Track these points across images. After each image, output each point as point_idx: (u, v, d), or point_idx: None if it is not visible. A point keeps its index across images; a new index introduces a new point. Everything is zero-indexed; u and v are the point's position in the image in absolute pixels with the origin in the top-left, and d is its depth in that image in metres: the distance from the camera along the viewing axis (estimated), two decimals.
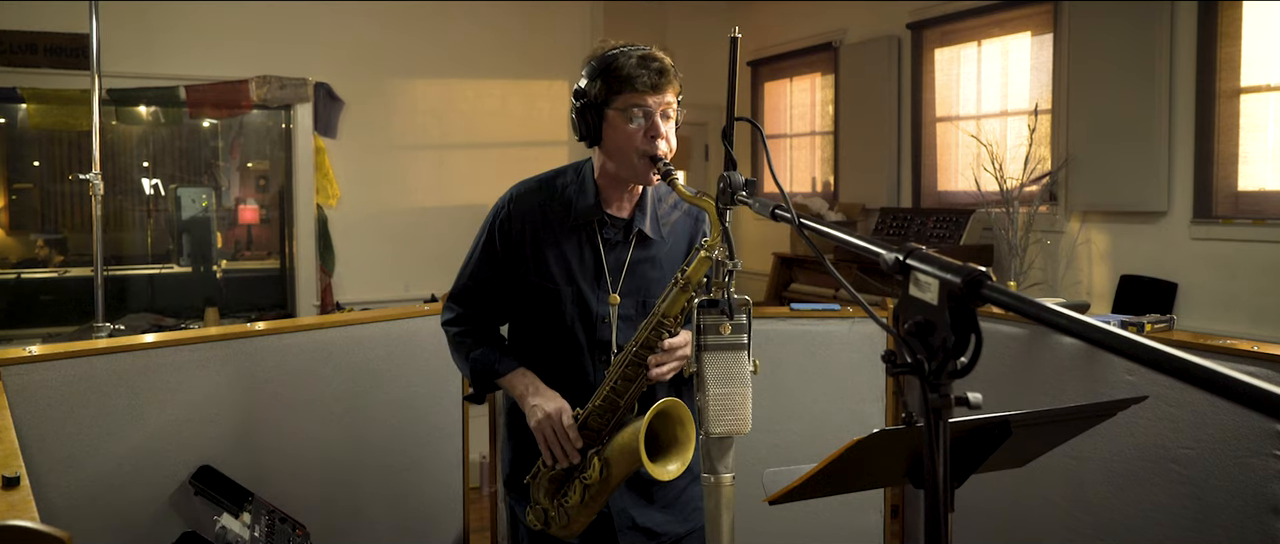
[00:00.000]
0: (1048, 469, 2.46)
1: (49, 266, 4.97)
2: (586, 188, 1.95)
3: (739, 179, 1.59)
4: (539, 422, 1.88)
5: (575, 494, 1.88)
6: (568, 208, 1.95)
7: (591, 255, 1.94)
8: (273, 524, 2.58)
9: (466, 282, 2.06)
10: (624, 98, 1.82)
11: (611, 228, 1.95)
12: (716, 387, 1.59)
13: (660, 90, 1.83)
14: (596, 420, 1.85)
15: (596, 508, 1.90)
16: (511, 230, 1.98)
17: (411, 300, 5.24)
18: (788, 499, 1.37)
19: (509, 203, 2.01)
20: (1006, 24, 4.68)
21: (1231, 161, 3.72)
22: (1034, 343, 2.65)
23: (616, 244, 1.95)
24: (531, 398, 1.92)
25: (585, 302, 1.93)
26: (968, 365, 0.87)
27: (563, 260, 1.94)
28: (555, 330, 1.96)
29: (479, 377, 2.03)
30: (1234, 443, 2.15)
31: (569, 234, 1.95)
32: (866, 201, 5.44)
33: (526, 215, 1.97)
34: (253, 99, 5.05)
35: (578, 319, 1.94)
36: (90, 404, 2.42)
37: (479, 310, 2.06)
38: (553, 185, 1.99)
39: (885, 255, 0.97)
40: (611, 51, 1.86)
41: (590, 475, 1.85)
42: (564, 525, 1.92)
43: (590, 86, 1.86)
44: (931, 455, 0.91)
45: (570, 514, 1.90)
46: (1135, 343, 0.72)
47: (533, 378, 1.96)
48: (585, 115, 1.87)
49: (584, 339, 1.94)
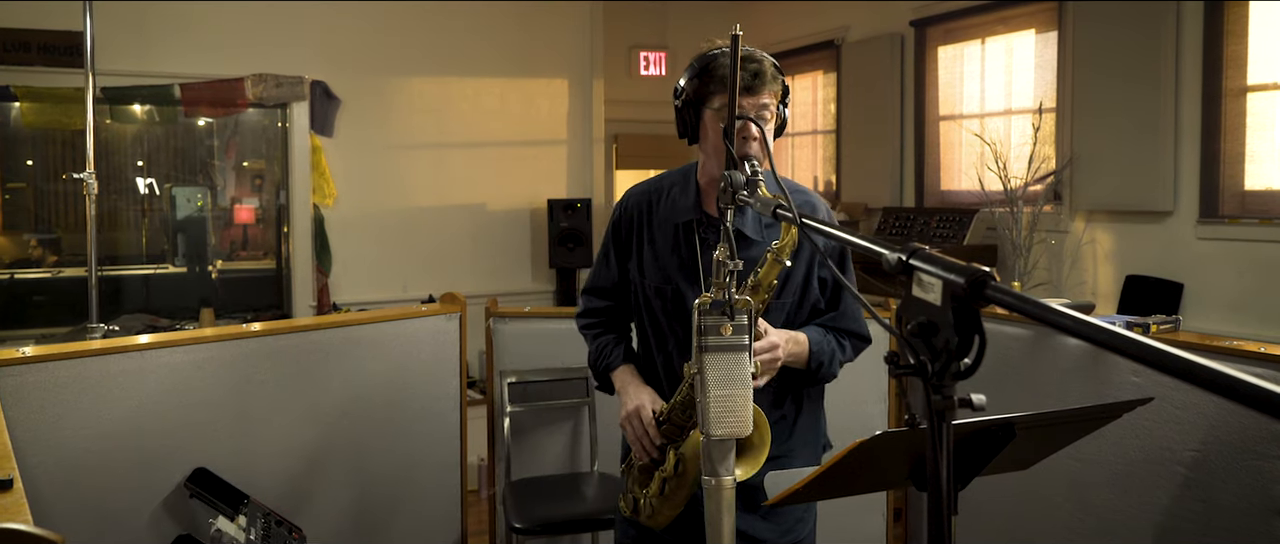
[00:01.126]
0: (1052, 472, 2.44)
1: (43, 267, 4.96)
2: (689, 188, 2.01)
3: (740, 178, 1.60)
4: (625, 416, 1.97)
5: (655, 485, 1.93)
6: (672, 207, 2.01)
7: (689, 255, 1.98)
8: (268, 527, 2.56)
9: (592, 280, 2.18)
10: (719, 98, 1.85)
11: (710, 227, 1.98)
12: (717, 388, 1.60)
13: (755, 92, 1.84)
14: (679, 415, 1.88)
15: (678, 501, 1.93)
16: (621, 231, 2.08)
17: (409, 301, 5.23)
18: (790, 501, 1.36)
19: (621, 206, 2.10)
20: (1010, 21, 4.65)
21: (1238, 160, 3.69)
22: (1038, 344, 2.63)
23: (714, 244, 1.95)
24: (624, 393, 2.02)
25: (683, 300, 1.97)
26: (971, 367, 0.87)
27: (664, 260, 2.00)
28: (658, 328, 2.03)
29: (594, 368, 2.14)
30: (1241, 445, 2.14)
31: (671, 233, 2.00)
32: (869, 201, 5.42)
33: (636, 216, 2.06)
34: (248, 97, 5.03)
35: (675, 316, 1.99)
36: (84, 406, 2.41)
37: (604, 306, 2.16)
38: (661, 186, 2.07)
39: (888, 255, 0.97)
40: (712, 51, 1.89)
41: (666, 469, 1.89)
42: (649, 515, 1.97)
43: (689, 85, 1.90)
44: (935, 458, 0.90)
45: (653, 505, 1.94)
46: (1140, 344, 0.72)
47: (631, 374, 2.05)
48: (684, 114, 1.92)
49: (682, 336, 1.98)
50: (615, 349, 2.10)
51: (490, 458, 3.43)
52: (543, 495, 3.08)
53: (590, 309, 2.18)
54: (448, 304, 3.25)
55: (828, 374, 2.00)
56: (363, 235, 5.38)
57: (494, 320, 3.33)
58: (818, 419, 2.11)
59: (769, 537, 2.01)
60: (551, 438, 3.39)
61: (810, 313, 2.01)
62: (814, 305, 2.01)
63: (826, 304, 2.03)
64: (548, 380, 3.32)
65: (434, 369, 3.15)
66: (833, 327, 2.01)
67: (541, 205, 5.78)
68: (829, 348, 1.98)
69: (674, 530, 1.99)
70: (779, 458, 1.97)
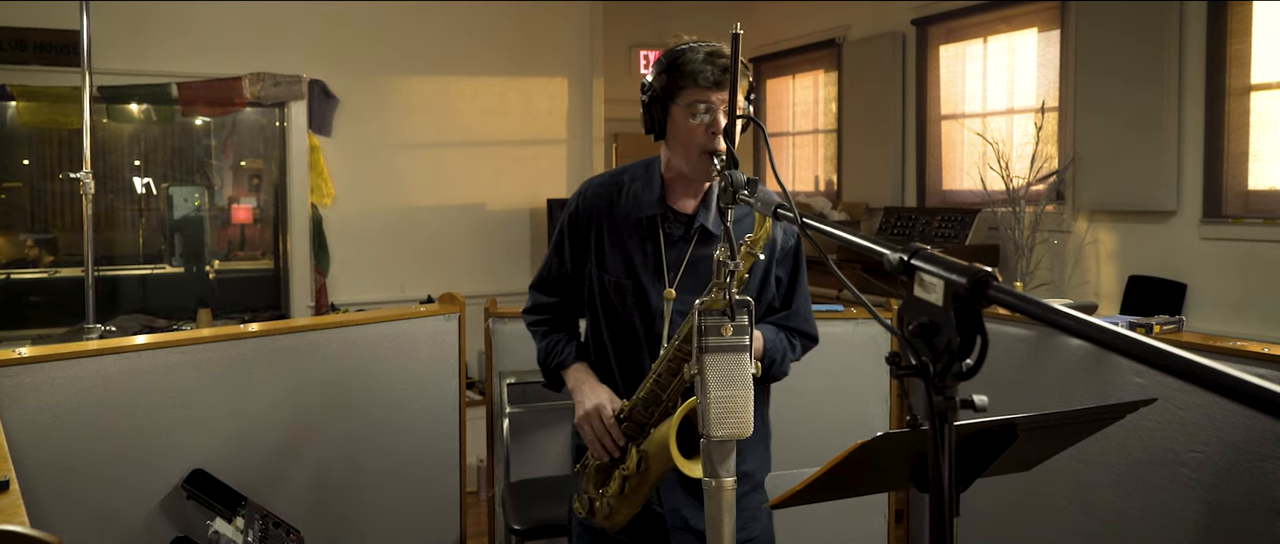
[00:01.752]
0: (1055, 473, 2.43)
1: (39, 267, 4.95)
2: (653, 183, 1.99)
3: (741, 178, 1.60)
4: (582, 415, 1.95)
5: (614, 485, 1.91)
6: (634, 202, 2.00)
7: (653, 250, 1.98)
8: (266, 529, 2.55)
9: (542, 273, 2.15)
10: (687, 93, 1.85)
11: (675, 223, 1.98)
12: (718, 389, 1.60)
13: (724, 87, 1.84)
14: (641, 413, 1.88)
15: (638, 501, 1.92)
16: (579, 224, 2.05)
17: (408, 301, 5.22)
18: (790, 503, 1.36)
19: (579, 197, 2.07)
20: (1013, 20, 4.64)
21: (1242, 160, 3.68)
22: (1041, 344, 2.62)
23: (678, 240, 1.98)
24: (579, 392, 1.99)
25: (645, 296, 1.97)
26: (973, 367, 0.87)
27: (625, 254, 1.99)
28: (616, 324, 2.01)
29: (544, 366, 2.12)
30: (1245, 446, 2.13)
31: (633, 229, 1.99)
32: (870, 200, 5.40)
33: (594, 209, 2.03)
34: (246, 96, 5.02)
35: (637, 313, 1.98)
36: (81, 407, 2.40)
37: (555, 301, 2.13)
38: (621, 180, 2.04)
39: (889, 255, 0.97)
40: (680, 47, 1.89)
41: (628, 467, 1.88)
42: (607, 516, 1.95)
43: (657, 81, 1.89)
44: (936, 459, 0.90)
45: (611, 505, 1.93)
46: (1144, 344, 0.72)
47: (586, 371, 2.04)
48: (651, 109, 1.91)
49: (643, 333, 1.98)
50: (567, 346, 2.08)
51: (489, 459, 3.42)
52: (542, 497, 3.07)
53: (539, 305, 2.15)
54: (447, 304, 3.24)
55: (779, 372, 2.01)
56: (361, 235, 5.37)
57: (493, 321, 3.31)
58: (766, 418, 2.11)
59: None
60: (551, 439, 3.38)
61: (765, 311, 2.01)
62: (769, 303, 2.02)
63: (780, 303, 2.03)
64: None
65: (433, 370, 3.14)
66: (785, 325, 2.02)
67: (541, 205, 5.77)
68: (781, 346, 1.99)
69: (629, 531, 1.98)
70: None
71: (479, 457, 3.96)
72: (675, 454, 1.77)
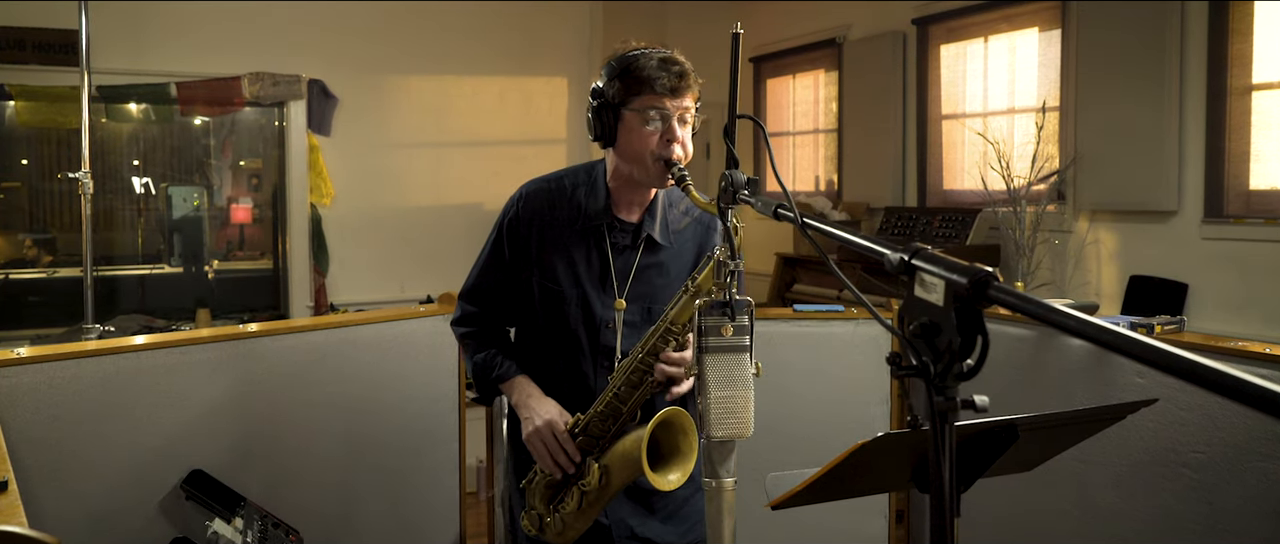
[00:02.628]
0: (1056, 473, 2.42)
1: (37, 267, 4.94)
2: (597, 190, 1.95)
3: (741, 177, 1.59)
4: (533, 431, 1.89)
5: (572, 501, 1.87)
6: (577, 209, 1.95)
7: (598, 259, 1.94)
8: (265, 529, 2.54)
9: (475, 281, 2.08)
10: (641, 99, 1.81)
11: (620, 231, 1.94)
12: (718, 390, 1.58)
13: (679, 94, 1.81)
14: (597, 427, 1.84)
15: (593, 516, 1.89)
16: (519, 230, 1.99)
17: (407, 301, 5.22)
18: (791, 504, 1.36)
19: (518, 202, 2.02)
20: (1014, 20, 4.63)
21: (1243, 160, 3.67)
22: (1042, 345, 2.61)
23: (624, 248, 1.94)
24: (525, 407, 1.93)
25: (590, 306, 1.93)
26: (974, 368, 0.86)
27: (569, 263, 1.94)
28: (559, 334, 1.96)
29: (480, 380, 2.04)
30: (1246, 446, 2.13)
31: (577, 236, 1.94)
32: (871, 200, 5.39)
33: (535, 215, 1.98)
34: (245, 96, 5.02)
35: (582, 323, 1.94)
36: (79, 407, 2.40)
37: (487, 310, 2.07)
38: (563, 185, 1.99)
39: (890, 255, 0.96)
40: (632, 52, 1.85)
41: (589, 482, 1.84)
42: (559, 532, 1.91)
43: (608, 86, 1.85)
44: (937, 459, 0.90)
45: (566, 521, 1.89)
46: (1145, 345, 0.72)
47: (530, 385, 1.97)
48: (602, 115, 1.86)
49: (587, 344, 1.94)
50: (506, 360, 2.00)
51: (489, 459, 3.41)
52: None
53: (468, 314, 2.07)
54: (446, 304, 3.23)
55: None
56: (360, 235, 5.37)
57: None
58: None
59: (668, 539, 1.99)
60: None
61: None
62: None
63: None
64: None
65: (432, 370, 3.13)
66: None
67: None
68: None
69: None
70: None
71: (478, 457, 3.96)
72: (646, 468, 1.75)
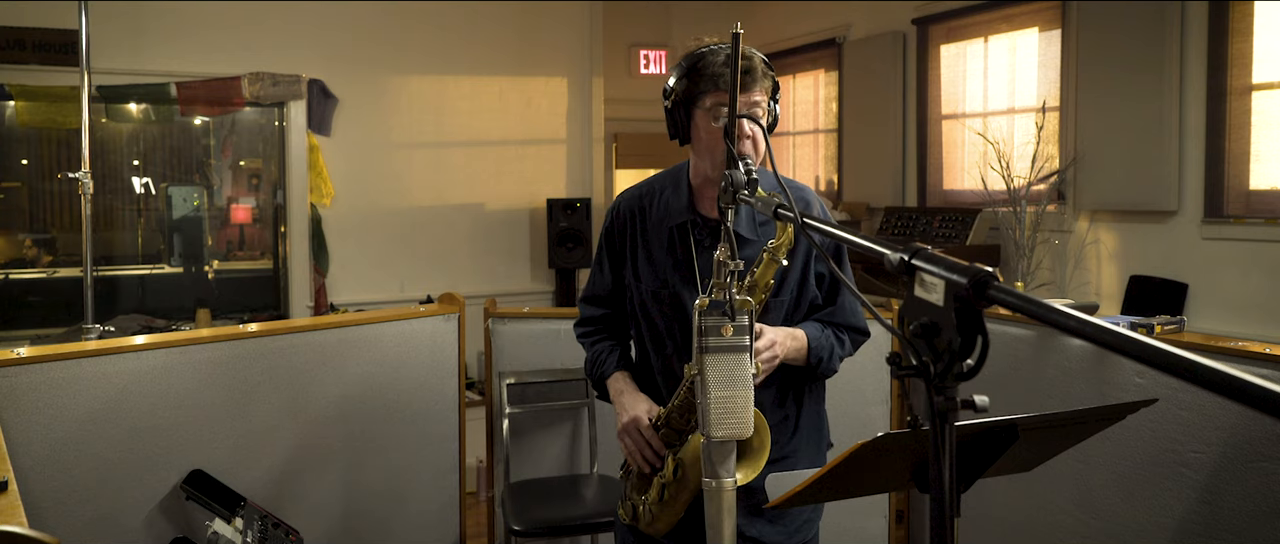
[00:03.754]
0: (1056, 473, 2.43)
1: (37, 267, 4.94)
2: (681, 189, 1.99)
3: (741, 177, 1.58)
4: (621, 427, 1.95)
5: (654, 492, 1.91)
6: (665, 210, 1.99)
7: (684, 256, 1.97)
8: (265, 529, 2.54)
9: (588, 289, 2.17)
10: (710, 96, 1.83)
11: (704, 229, 1.96)
12: (718, 389, 1.59)
13: (747, 89, 1.82)
14: (678, 420, 1.86)
15: (679, 507, 1.91)
16: (615, 236, 2.06)
17: (407, 301, 5.21)
18: (791, 504, 1.35)
19: (613, 212, 2.09)
20: (1014, 19, 4.63)
21: (1243, 160, 3.67)
22: (1042, 345, 2.61)
23: (709, 246, 1.96)
24: (618, 402, 1.99)
25: (680, 303, 1.95)
26: (974, 368, 0.86)
27: (658, 263, 1.98)
28: (654, 331, 2.00)
29: (590, 375, 2.13)
30: (1246, 446, 2.13)
31: (664, 236, 1.98)
32: (871, 200, 5.39)
33: (628, 220, 2.04)
34: (245, 96, 5.01)
35: (675, 320, 1.97)
36: (79, 407, 2.40)
37: (602, 313, 2.14)
38: (652, 188, 2.05)
39: (890, 255, 0.96)
40: (701, 49, 1.87)
41: (665, 475, 1.87)
42: (649, 522, 1.95)
43: (678, 84, 1.88)
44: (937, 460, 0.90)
45: (653, 511, 1.92)
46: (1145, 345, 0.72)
47: (625, 381, 2.03)
48: (675, 114, 1.90)
49: (681, 339, 1.97)
50: (609, 356, 2.08)
51: (489, 460, 3.41)
52: (542, 497, 3.06)
53: (588, 318, 2.16)
54: (446, 305, 3.23)
55: (827, 369, 1.98)
56: (360, 235, 5.36)
57: (493, 321, 3.31)
58: (820, 418, 2.09)
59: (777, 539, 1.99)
60: (550, 440, 3.37)
61: (809, 309, 1.99)
62: (811, 301, 1.99)
63: (824, 299, 2.01)
64: (547, 382, 3.30)
65: (432, 370, 3.13)
66: (830, 322, 2.00)
67: (541, 205, 5.76)
68: (827, 343, 1.96)
69: (674, 536, 1.97)
70: (783, 459, 1.96)
71: (478, 457, 3.96)
72: None
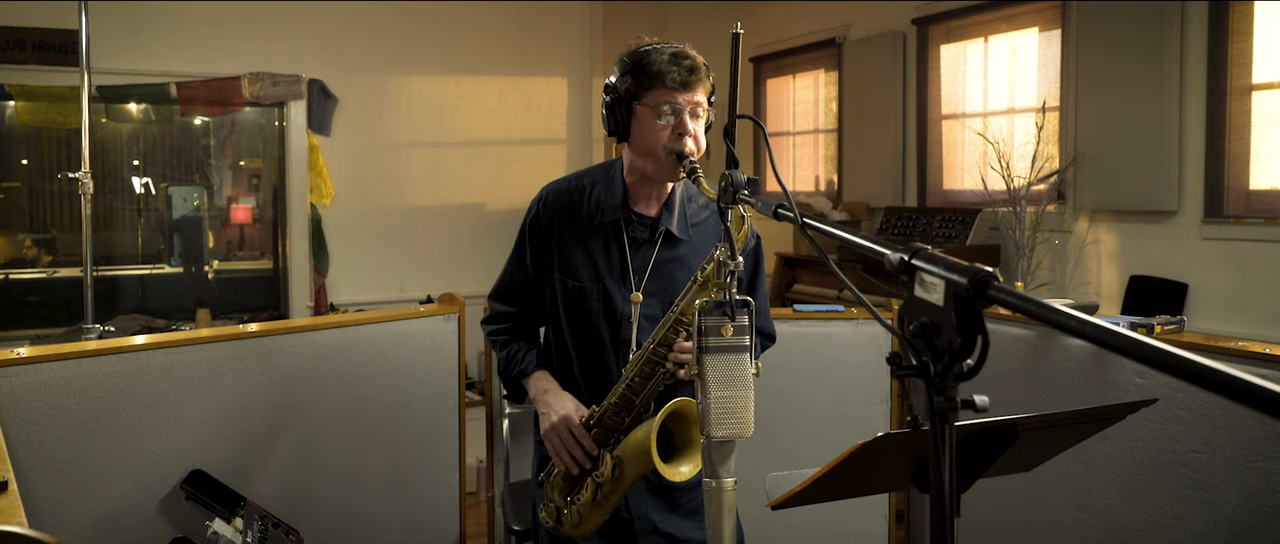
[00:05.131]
0: (1056, 473, 2.43)
1: (37, 267, 4.94)
2: (615, 186, 1.98)
3: (741, 177, 1.59)
4: (549, 427, 1.92)
5: (587, 492, 1.89)
6: (596, 206, 1.98)
7: (617, 253, 1.97)
8: (265, 529, 2.54)
9: (502, 281, 2.14)
10: (653, 94, 1.84)
11: (638, 226, 1.97)
12: (718, 390, 1.58)
13: (690, 88, 1.84)
14: (612, 418, 1.86)
15: (609, 507, 1.90)
16: (541, 229, 2.03)
17: (407, 301, 5.22)
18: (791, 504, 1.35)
19: (538, 203, 2.05)
20: (1014, 19, 4.63)
21: (1243, 160, 3.67)
22: (1042, 345, 2.61)
23: (643, 243, 1.97)
24: (542, 402, 1.97)
25: (610, 300, 1.96)
26: (974, 368, 0.86)
27: (589, 258, 1.97)
28: (581, 328, 1.99)
29: (505, 376, 2.09)
30: (1246, 446, 2.12)
31: (596, 232, 1.98)
32: (871, 200, 5.39)
33: (555, 214, 2.01)
34: (245, 96, 5.02)
35: (603, 317, 1.96)
36: (79, 407, 2.40)
37: (516, 310, 2.11)
38: (582, 184, 2.03)
39: (890, 255, 0.97)
40: (644, 47, 1.88)
41: (602, 474, 1.86)
42: (576, 524, 1.93)
43: (621, 82, 1.88)
44: (937, 459, 0.90)
45: (582, 513, 1.91)
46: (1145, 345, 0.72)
47: (548, 380, 2.01)
48: (615, 110, 1.90)
49: (608, 337, 1.97)
50: (527, 355, 2.06)
51: (489, 459, 3.41)
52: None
53: (499, 314, 2.13)
54: (446, 304, 3.23)
55: None
56: (360, 235, 5.36)
57: None
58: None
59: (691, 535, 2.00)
60: None
61: None
62: None
63: None
64: None
65: (432, 370, 3.13)
66: None
67: None
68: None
69: (598, 538, 1.97)
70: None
71: (479, 457, 3.96)
72: (657, 459, 1.76)
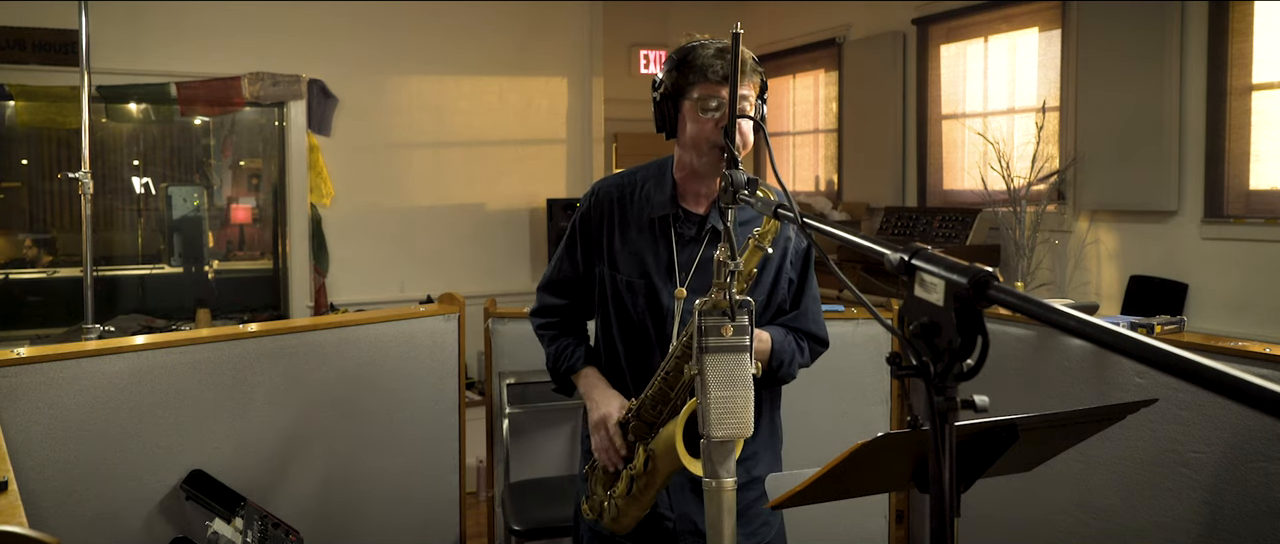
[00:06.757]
0: (1056, 473, 2.43)
1: (37, 267, 4.94)
2: (665, 183, 1.98)
3: (741, 177, 1.58)
4: (592, 423, 1.95)
5: (622, 485, 1.90)
6: (646, 201, 1.99)
7: (664, 249, 1.97)
8: (265, 529, 2.54)
9: (551, 274, 2.13)
10: (698, 89, 1.84)
11: (686, 223, 1.97)
12: (718, 389, 1.58)
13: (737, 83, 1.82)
14: (649, 412, 1.86)
15: (645, 502, 1.90)
16: (591, 224, 2.03)
17: (407, 301, 5.21)
18: (791, 504, 1.35)
19: (590, 197, 2.06)
20: (1013, 20, 4.63)
21: (1243, 160, 3.67)
22: (1042, 345, 2.61)
23: (690, 240, 1.97)
24: (589, 399, 1.99)
25: (656, 295, 1.96)
26: (974, 368, 0.86)
27: (637, 254, 1.98)
28: (627, 324, 2.00)
29: (554, 371, 2.11)
30: (1246, 446, 2.12)
31: (645, 228, 1.98)
32: (871, 200, 5.39)
33: (606, 210, 2.02)
34: (245, 96, 5.02)
35: (648, 312, 1.97)
36: (80, 407, 2.40)
37: (564, 303, 2.12)
38: (633, 180, 2.03)
39: (890, 255, 0.96)
40: (690, 44, 1.88)
41: (635, 467, 1.87)
42: (614, 518, 1.93)
43: (667, 78, 1.89)
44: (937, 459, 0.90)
45: (619, 506, 1.91)
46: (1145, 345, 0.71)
47: (596, 377, 2.03)
48: (662, 107, 1.90)
49: (654, 333, 1.97)
50: (576, 351, 2.07)
51: (489, 459, 3.41)
52: (542, 497, 3.06)
53: (547, 307, 2.13)
54: (446, 305, 3.23)
55: (787, 375, 1.99)
56: (360, 235, 5.36)
57: (493, 321, 3.31)
58: (776, 422, 2.10)
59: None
60: (550, 440, 3.37)
61: (774, 313, 2.00)
62: (779, 306, 2.00)
63: (790, 305, 2.02)
64: (547, 382, 3.27)
65: (432, 370, 3.13)
66: (793, 327, 2.00)
67: (540, 205, 5.76)
68: (790, 349, 1.97)
69: (637, 535, 1.96)
70: (745, 459, 1.96)
71: (478, 457, 3.96)
72: (681, 453, 1.76)
